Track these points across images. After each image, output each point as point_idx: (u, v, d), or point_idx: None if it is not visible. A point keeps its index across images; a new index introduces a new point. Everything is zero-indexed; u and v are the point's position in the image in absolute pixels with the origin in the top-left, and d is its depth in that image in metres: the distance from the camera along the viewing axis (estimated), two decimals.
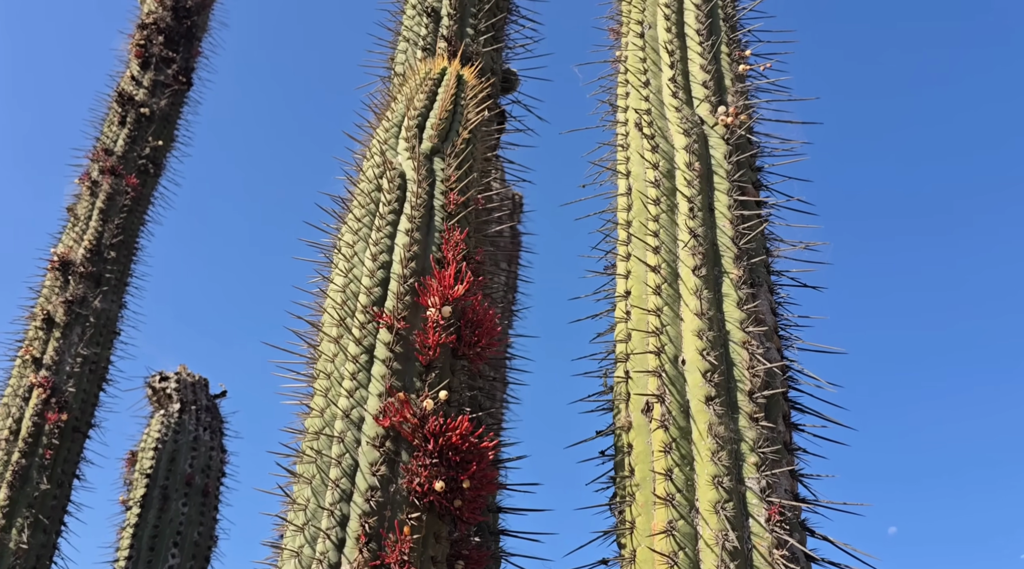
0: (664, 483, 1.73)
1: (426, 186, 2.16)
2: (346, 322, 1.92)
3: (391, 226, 2.07)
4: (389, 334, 1.85)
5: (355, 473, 1.68)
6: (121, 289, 4.75)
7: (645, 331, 1.96)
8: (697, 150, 2.21)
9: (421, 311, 1.90)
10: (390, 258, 2.00)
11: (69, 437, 4.07)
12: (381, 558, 1.58)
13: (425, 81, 2.54)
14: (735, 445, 1.74)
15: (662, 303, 1.98)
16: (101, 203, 4.87)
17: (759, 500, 1.67)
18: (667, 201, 2.15)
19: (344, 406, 1.77)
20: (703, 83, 2.36)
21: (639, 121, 2.36)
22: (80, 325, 4.38)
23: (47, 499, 3.84)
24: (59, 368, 4.20)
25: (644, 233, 2.12)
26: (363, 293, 1.95)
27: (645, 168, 2.25)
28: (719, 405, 1.78)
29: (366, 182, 2.25)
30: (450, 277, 1.93)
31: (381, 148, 2.33)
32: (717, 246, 2.05)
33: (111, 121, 5.21)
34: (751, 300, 1.94)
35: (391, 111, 2.48)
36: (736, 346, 1.87)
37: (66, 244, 4.71)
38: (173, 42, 5.58)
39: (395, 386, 1.78)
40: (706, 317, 1.90)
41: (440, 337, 1.85)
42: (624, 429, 1.89)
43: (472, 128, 2.41)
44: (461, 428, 1.72)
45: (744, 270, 1.99)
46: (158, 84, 5.38)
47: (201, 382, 5.28)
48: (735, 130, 2.24)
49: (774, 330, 1.97)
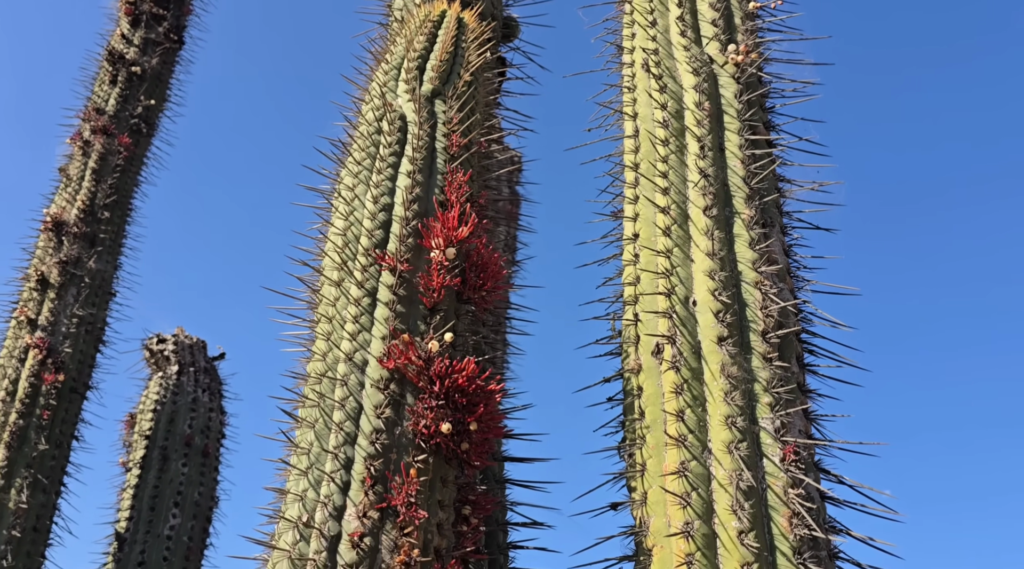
0: (676, 424, 1.69)
1: (427, 128, 2.10)
2: (348, 265, 1.87)
3: (392, 168, 2.01)
4: (392, 276, 1.80)
5: (359, 416, 1.64)
6: (116, 250, 4.68)
7: (655, 272, 1.91)
8: (707, 89, 2.14)
9: (424, 253, 1.85)
10: (392, 200, 1.94)
11: (67, 398, 4.03)
12: (387, 500, 1.54)
13: (424, 23, 2.46)
14: (748, 385, 1.70)
15: (672, 244, 1.92)
16: (94, 163, 4.79)
17: (773, 440, 1.63)
18: (676, 141, 2.09)
19: (347, 349, 1.73)
20: (712, 21, 2.29)
21: (646, 61, 2.29)
22: (75, 286, 4.32)
23: (46, 459, 3.81)
24: (55, 329, 4.15)
25: (653, 174, 2.07)
26: (364, 236, 1.89)
27: (653, 108, 2.19)
28: (732, 345, 1.74)
29: (366, 125, 2.18)
30: (454, 219, 1.87)
31: (381, 91, 2.26)
32: (728, 186, 1.99)
33: (102, 80, 5.10)
34: (763, 240, 1.89)
35: (390, 54, 2.41)
36: (748, 286, 1.82)
37: (59, 205, 4.64)
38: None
39: (399, 328, 1.73)
40: (717, 257, 1.85)
41: (445, 279, 1.80)
42: (634, 372, 1.85)
43: (474, 71, 2.33)
44: (468, 370, 1.67)
45: (756, 210, 1.93)
46: (149, 42, 5.26)
47: (199, 344, 5.23)
48: (745, 69, 2.17)
49: (787, 271, 1.92)
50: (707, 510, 1.59)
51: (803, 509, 1.53)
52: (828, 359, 1.86)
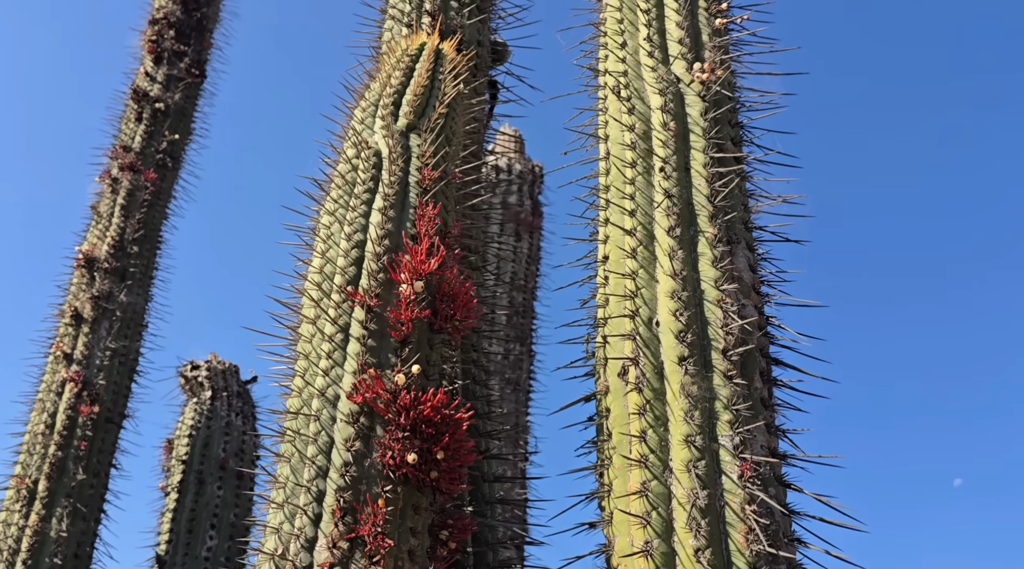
0: (638, 445, 1.73)
1: (401, 163, 2.17)
2: (322, 303, 1.95)
3: (365, 205, 2.08)
4: (363, 312, 1.87)
5: (331, 450, 1.71)
6: (146, 283, 4.86)
7: (621, 295, 1.95)
8: (672, 109, 2.18)
9: (394, 287, 1.92)
10: (364, 237, 2.02)
11: (103, 428, 4.21)
12: (355, 531, 1.61)
13: (402, 58, 2.54)
14: (708, 403, 1.73)
15: (637, 266, 1.96)
16: (122, 199, 4.98)
17: (732, 457, 1.66)
18: (643, 163, 2.13)
19: (320, 385, 1.81)
20: (679, 40, 2.32)
21: (616, 84, 2.33)
22: (108, 319, 4.50)
23: (84, 488, 3.99)
24: (89, 362, 4.34)
25: (620, 197, 2.11)
26: (338, 273, 1.97)
27: (622, 131, 2.23)
28: (692, 364, 1.77)
29: (343, 163, 2.27)
30: (423, 252, 1.94)
31: (357, 128, 2.34)
32: (693, 205, 2.02)
33: (128, 118, 5.30)
34: (726, 257, 1.92)
35: (369, 91, 2.49)
36: (711, 304, 1.86)
37: (90, 241, 4.84)
38: (184, 35, 5.64)
39: (368, 363, 1.80)
40: (680, 277, 1.89)
41: (413, 312, 1.87)
42: (603, 393, 1.90)
43: (449, 102, 2.40)
44: (434, 400, 1.73)
45: (719, 228, 1.96)
46: (172, 78, 5.45)
47: (231, 369, 5.40)
48: (711, 86, 2.20)
49: (752, 287, 1.94)
50: (667, 529, 1.63)
51: (758, 525, 1.56)
52: (795, 373, 1.88)
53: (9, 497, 3.92)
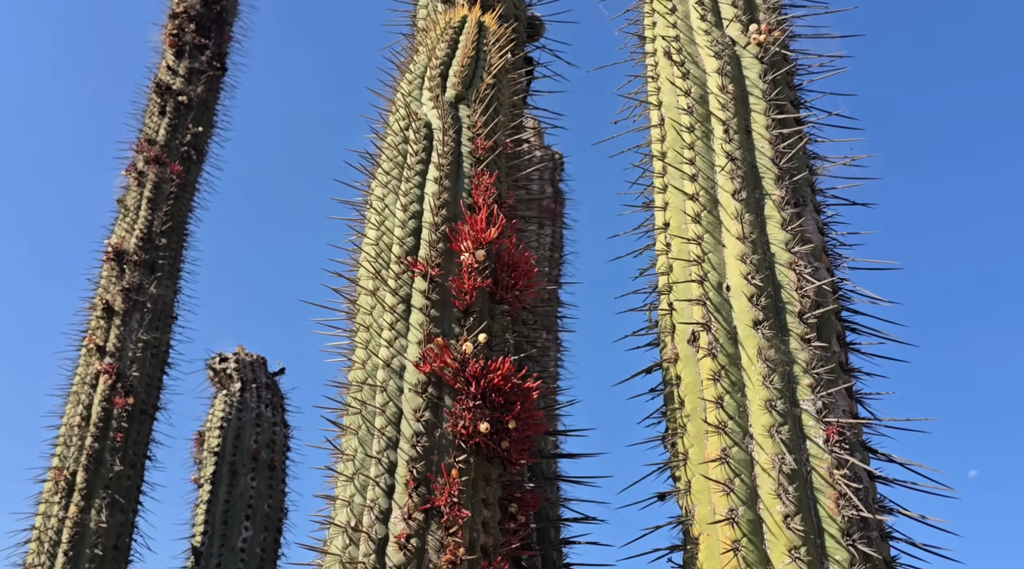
0: (715, 411, 1.68)
1: (452, 134, 2.12)
2: (381, 274, 1.90)
3: (420, 176, 2.04)
4: (424, 282, 1.83)
5: (400, 420, 1.67)
6: (175, 275, 4.84)
7: (687, 260, 1.90)
8: (730, 72, 2.12)
9: (455, 257, 1.87)
10: (420, 207, 1.97)
11: (137, 420, 4.19)
12: (431, 501, 1.57)
13: (446, 30, 2.49)
14: (787, 368, 1.68)
15: (702, 231, 1.91)
16: (148, 192, 4.95)
17: (815, 421, 1.61)
18: (701, 127, 2.08)
19: (384, 356, 1.76)
20: (732, 3, 2.26)
21: (668, 48, 2.27)
22: (138, 312, 4.48)
23: (121, 480, 3.97)
24: (122, 354, 4.32)
25: (680, 162, 2.05)
26: (396, 244, 1.93)
27: (677, 96, 2.17)
28: (767, 328, 1.72)
29: (393, 135, 2.22)
30: (482, 221, 1.89)
31: (405, 100, 2.30)
32: (757, 168, 1.97)
33: (151, 111, 5.28)
34: (796, 220, 1.86)
35: (414, 63, 2.44)
36: (782, 268, 1.80)
37: (119, 234, 4.82)
38: (205, 28, 5.61)
39: (433, 332, 1.76)
40: (749, 241, 1.83)
41: (476, 281, 1.82)
42: (671, 361, 1.84)
43: (496, 72, 2.35)
44: (503, 369, 1.69)
45: (787, 190, 1.91)
46: (193, 71, 5.42)
47: (259, 361, 5.38)
48: (769, 48, 2.14)
49: (822, 249, 1.89)
50: (751, 496, 1.57)
51: (849, 490, 1.51)
52: (871, 337, 1.82)
53: (48, 489, 3.91)
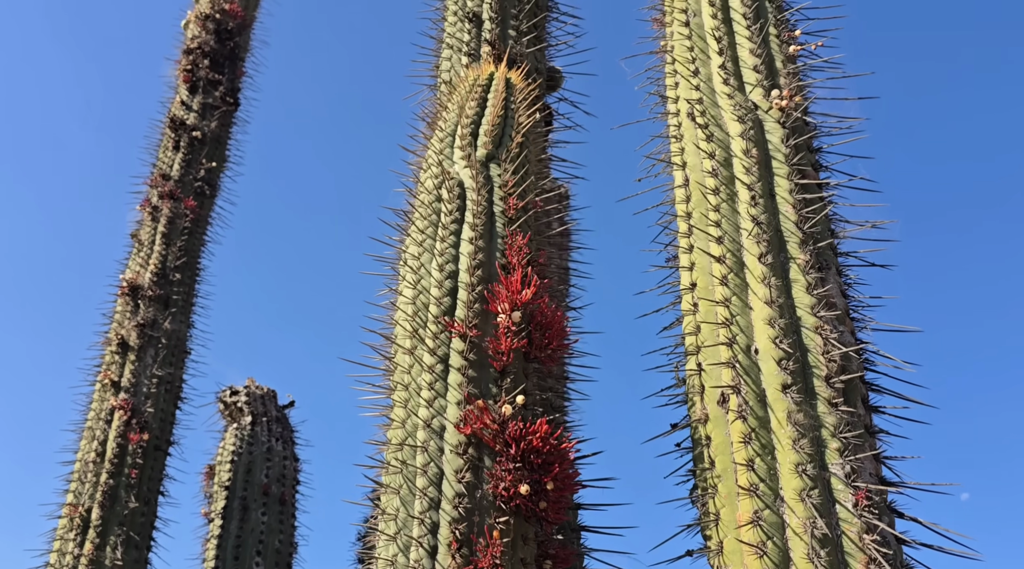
0: (747, 473, 1.73)
1: (485, 193, 2.19)
2: (419, 333, 1.96)
3: (455, 236, 2.10)
4: (462, 343, 1.89)
5: (441, 481, 1.72)
6: (188, 309, 4.89)
7: (715, 322, 1.96)
8: (753, 136, 2.20)
9: (491, 318, 1.93)
10: (456, 267, 2.03)
11: (151, 455, 4.22)
12: (474, 563, 1.61)
13: (474, 88, 2.57)
14: (816, 432, 1.73)
15: (730, 293, 1.98)
16: (163, 227, 5.01)
17: (845, 486, 1.66)
18: (727, 190, 2.15)
19: (424, 416, 1.82)
20: (754, 68, 2.35)
21: (691, 111, 2.35)
22: (153, 347, 4.52)
23: (136, 516, 3.99)
24: (137, 390, 4.35)
25: (706, 224, 2.12)
26: (433, 304, 1.99)
27: (701, 158, 2.25)
28: (796, 392, 1.78)
29: (426, 193, 2.29)
30: (517, 282, 1.96)
31: (438, 158, 2.37)
32: (781, 232, 2.04)
33: (166, 146, 5.35)
34: (820, 284, 1.93)
35: (443, 120, 2.52)
36: (809, 332, 1.86)
37: (133, 269, 4.87)
38: (218, 64, 5.70)
39: (472, 393, 1.81)
40: (776, 304, 1.90)
41: (512, 342, 1.88)
42: (701, 421, 1.90)
43: (524, 131, 2.43)
44: (541, 431, 1.74)
45: (811, 254, 1.97)
46: (207, 107, 5.50)
47: (270, 394, 5.41)
48: (790, 113, 2.22)
49: (846, 313, 1.95)
50: (783, 559, 1.63)
51: (879, 555, 1.56)
52: (894, 399, 1.88)
53: (62, 525, 3.93)
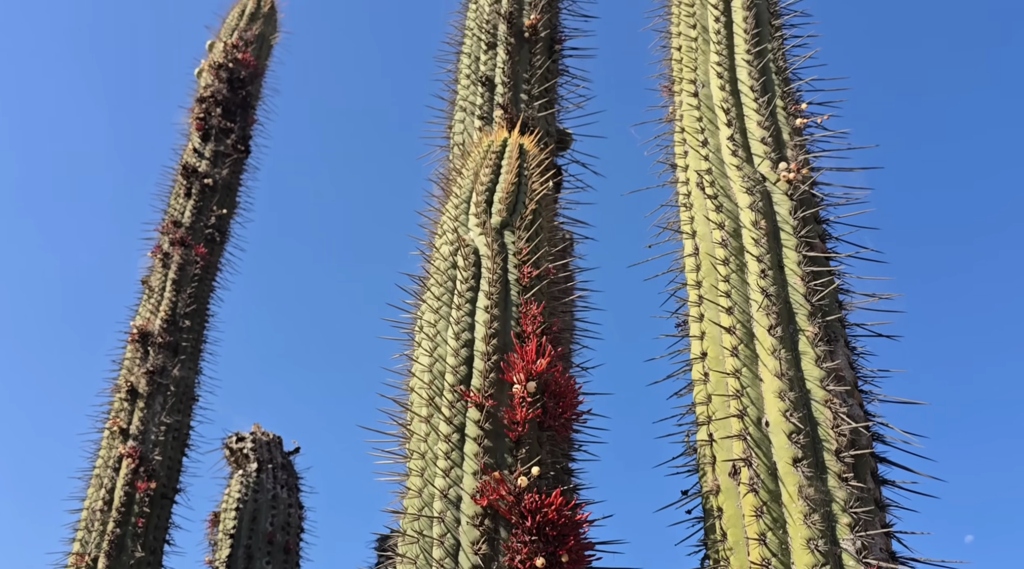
0: (759, 548, 1.76)
1: (500, 261, 2.25)
2: (435, 401, 2.00)
3: (470, 303, 2.15)
4: (478, 412, 1.93)
5: (458, 552, 1.75)
6: (197, 356, 4.93)
7: (725, 394, 2.00)
8: (762, 208, 2.26)
9: (507, 387, 1.97)
10: (472, 336, 2.08)
11: (158, 504, 4.23)
12: None
13: (488, 154, 2.64)
14: (827, 506, 1.77)
15: (740, 364, 2.02)
16: (173, 274, 5.07)
17: (856, 561, 1.69)
18: (736, 260, 2.20)
19: (441, 486, 1.85)
20: (761, 140, 2.42)
21: (700, 181, 2.42)
22: (162, 394, 4.56)
23: (142, 566, 3.99)
24: (145, 437, 4.38)
25: (716, 294, 2.17)
26: (450, 372, 2.03)
27: (711, 228, 2.31)
28: (807, 466, 1.81)
29: (441, 260, 2.34)
30: (532, 352, 2.00)
31: (453, 225, 2.43)
32: (790, 304, 2.08)
33: (177, 193, 5.43)
34: (829, 358, 1.97)
35: (458, 186, 2.58)
36: (819, 405, 1.90)
37: (143, 316, 4.92)
38: (230, 112, 5.80)
39: (488, 464, 1.85)
40: (786, 377, 1.94)
41: (527, 412, 1.92)
42: (712, 493, 1.93)
43: (538, 198, 2.49)
44: (556, 503, 1.77)
45: (819, 327, 2.02)
46: (219, 154, 5.60)
47: (276, 440, 5.43)
48: (798, 186, 2.28)
49: (855, 386, 1.99)
50: None
51: None
52: (903, 472, 1.91)
53: None
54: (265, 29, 6.26)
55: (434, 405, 2.00)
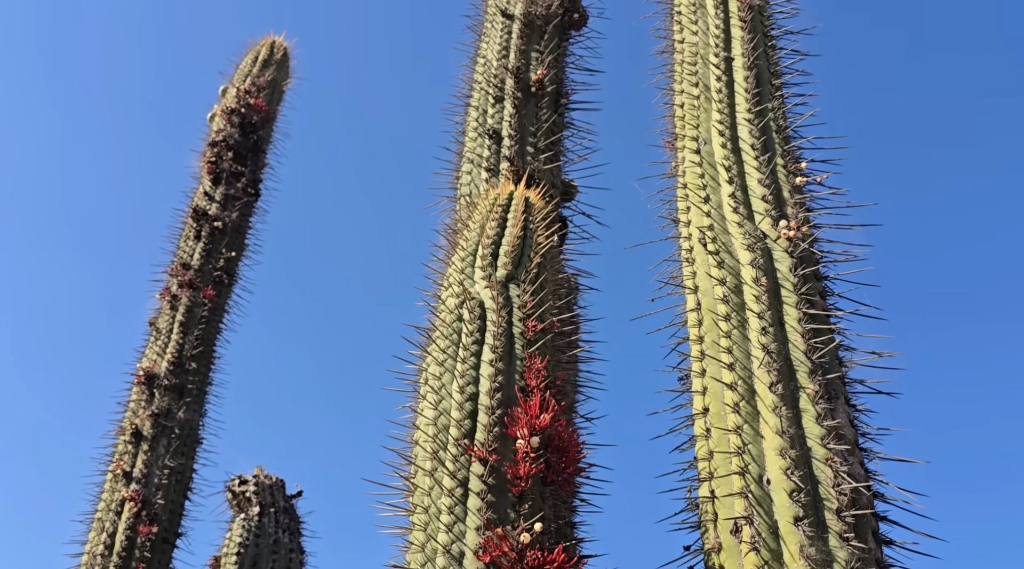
0: None
1: (505, 314, 2.28)
2: (439, 455, 2.02)
3: (475, 357, 2.18)
4: (482, 466, 1.94)
5: None
6: (202, 398, 4.95)
7: (727, 451, 2.02)
8: (762, 265, 2.29)
9: (510, 442, 1.99)
10: (477, 389, 2.11)
11: (159, 549, 4.22)
12: None
13: (495, 207, 2.69)
14: (828, 567, 1.77)
15: (742, 421, 2.04)
16: (181, 316, 5.11)
17: None
18: (737, 317, 2.23)
19: (444, 541, 1.86)
20: (762, 197, 2.46)
21: (703, 237, 2.46)
22: (166, 437, 4.57)
23: None
24: (148, 481, 4.38)
25: (717, 350, 2.20)
26: (454, 426, 2.05)
27: (713, 284, 2.34)
28: (808, 525, 1.82)
29: (447, 312, 2.38)
30: (536, 406, 2.03)
31: (459, 277, 2.47)
32: (791, 361, 2.11)
33: (187, 236, 5.50)
34: (830, 416, 1.99)
35: (464, 239, 2.63)
36: (819, 463, 1.92)
37: (150, 358, 4.95)
38: (241, 156, 5.90)
39: (491, 519, 1.86)
40: (787, 435, 1.95)
41: (530, 468, 1.94)
42: (714, 550, 1.94)
43: (543, 252, 2.53)
44: (559, 560, 1.78)
45: (820, 385, 2.04)
46: (229, 197, 5.67)
47: (278, 484, 5.41)
48: (798, 243, 2.32)
49: (855, 444, 2.01)
50: None
51: None
52: (904, 532, 1.92)
53: None
54: (278, 75, 6.38)
55: (438, 459, 2.02)
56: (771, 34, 2.96)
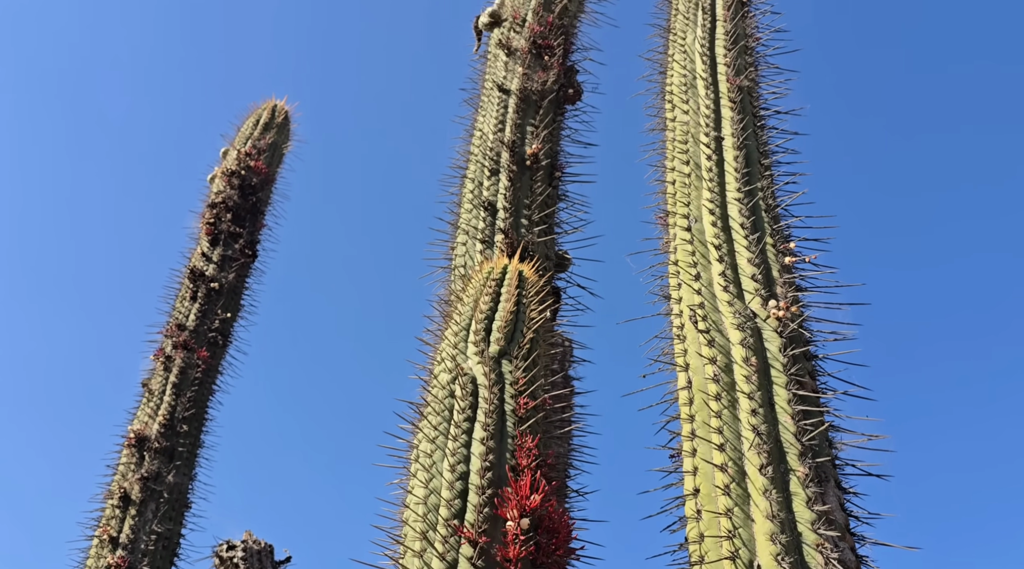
0: None
1: (497, 391, 2.29)
2: (428, 535, 2.01)
3: (467, 434, 2.19)
4: (471, 549, 1.93)
5: None
6: (192, 461, 4.91)
7: (718, 534, 2.01)
8: (752, 344, 2.32)
9: (500, 523, 1.98)
10: (468, 468, 2.10)
11: None
12: None
13: (488, 282, 2.72)
14: None
15: (732, 504, 2.04)
16: (174, 377, 5.10)
17: None
18: (728, 396, 2.25)
19: None
20: (752, 276, 2.50)
21: (693, 315, 2.49)
22: (155, 501, 4.52)
23: None
24: (135, 547, 4.32)
25: (708, 431, 2.21)
26: (444, 505, 2.04)
27: (703, 363, 2.36)
28: None
29: (439, 387, 2.39)
30: (526, 487, 2.02)
31: (452, 352, 2.48)
32: (781, 443, 2.12)
33: (183, 297, 5.51)
34: (820, 500, 1.99)
35: (458, 313, 2.65)
36: (810, 549, 1.91)
37: (141, 420, 4.92)
38: (240, 218, 5.95)
39: None
40: (777, 519, 1.95)
41: (520, 550, 1.93)
42: None
43: (535, 328, 2.56)
44: None
45: (810, 467, 2.05)
46: (226, 258, 5.71)
47: (267, 549, 5.32)
48: (787, 323, 2.35)
49: (846, 528, 2.01)
50: None
51: None
52: None
53: None
54: (278, 138, 6.49)
55: (427, 539, 2.01)
56: (760, 114, 3.04)
